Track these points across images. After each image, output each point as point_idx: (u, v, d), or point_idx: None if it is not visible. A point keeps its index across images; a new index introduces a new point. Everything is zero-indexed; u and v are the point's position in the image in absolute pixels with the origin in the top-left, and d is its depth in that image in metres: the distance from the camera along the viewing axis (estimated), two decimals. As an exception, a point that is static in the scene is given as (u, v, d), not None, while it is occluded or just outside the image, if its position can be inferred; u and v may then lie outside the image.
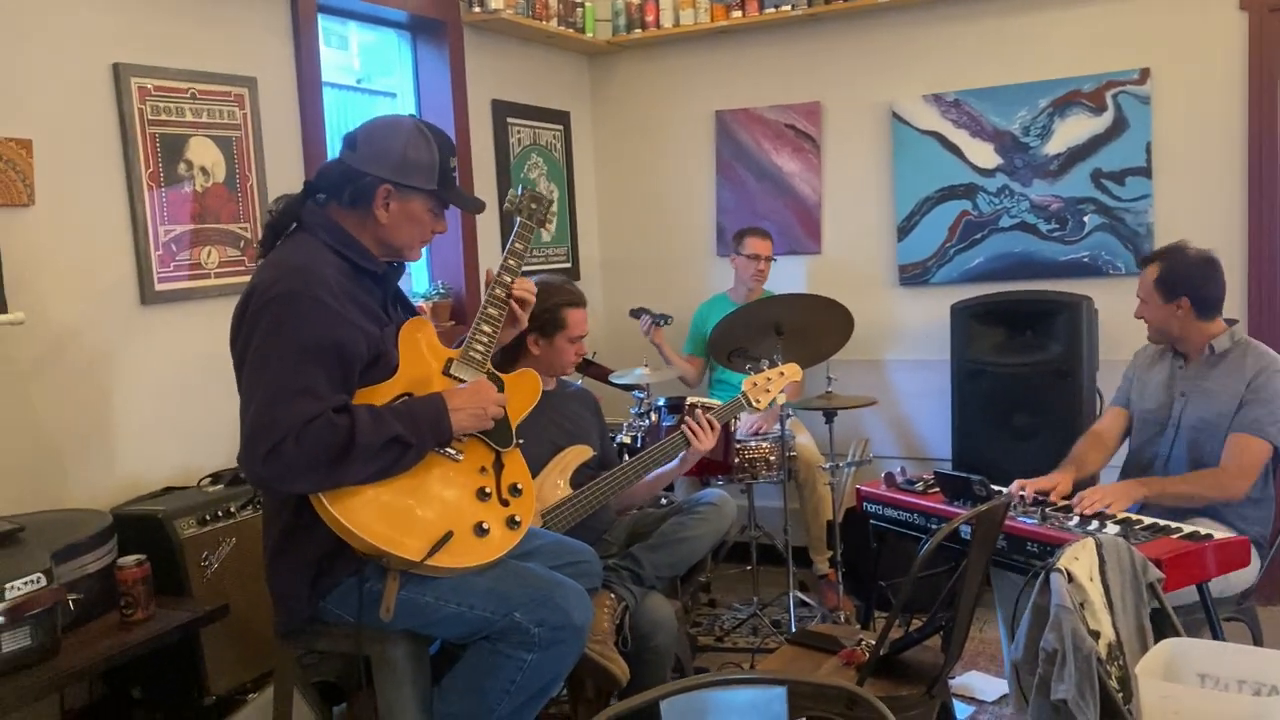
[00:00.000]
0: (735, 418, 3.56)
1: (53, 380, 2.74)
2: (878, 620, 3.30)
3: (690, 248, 5.00)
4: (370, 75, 4.17)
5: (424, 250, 2.31)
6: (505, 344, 2.48)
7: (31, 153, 2.66)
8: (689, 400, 3.64)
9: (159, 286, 2.99)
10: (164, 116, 2.99)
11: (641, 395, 4.03)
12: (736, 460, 3.79)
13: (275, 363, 1.93)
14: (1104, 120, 4.14)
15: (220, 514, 2.72)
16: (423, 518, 2.04)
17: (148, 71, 2.94)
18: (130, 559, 2.44)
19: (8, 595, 2.12)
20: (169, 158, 3.01)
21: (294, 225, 2.15)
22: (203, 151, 3.11)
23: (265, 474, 1.91)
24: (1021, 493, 2.85)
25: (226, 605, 2.56)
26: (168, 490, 2.89)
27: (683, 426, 2.97)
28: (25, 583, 2.15)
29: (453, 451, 2.12)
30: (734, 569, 4.42)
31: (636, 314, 4.40)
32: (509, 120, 4.55)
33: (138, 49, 2.94)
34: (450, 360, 2.21)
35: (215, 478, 2.93)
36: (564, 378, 3.03)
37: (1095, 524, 2.60)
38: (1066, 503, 2.78)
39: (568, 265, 4.96)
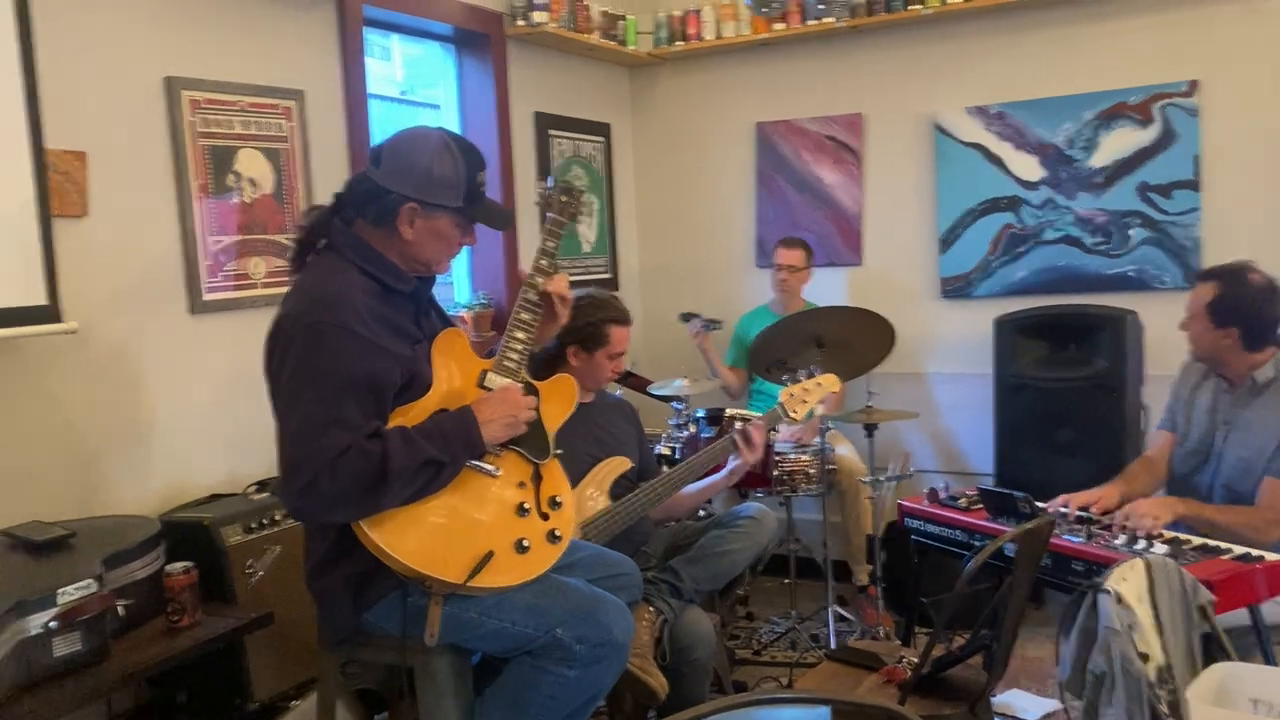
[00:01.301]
0: (773, 429, 3.54)
1: (103, 388, 2.78)
2: (919, 637, 3.27)
3: (730, 259, 4.99)
4: (413, 87, 4.20)
5: (460, 257, 2.30)
6: (546, 348, 2.44)
7: (85, 164, 2.70)
8: (728, 412, 3.63)
9: (207, 296, 3.02)
10: (214, 129, 3.03)
11: (680, 406, 4.02)
12: (775, 473, 3.77)
13: (306, 397, 1.92)
14: (1151, 133, 4.08)
15: (265, 522, 2.75)
16: (463, 539, 2.03)
17: (199, 84, 2.98)
18: (178, 566, 2.47)
19: (60, 600, 2.14)
20: (218, 169, 3.05)
21: (324, 241, 2.14)
22: (251, 163, 3.15)
23: (303, 508, 1.93)
24: (1064, 508, 2.81)
25: (270, 613, 2.58)
26: (214, 497, 2.92)
27: (733, 436, 2.96)
28: (77, 589, 2.17)
29: (490, 468, 2.11)
30: (772, 582, 4.39)
31: (687, 318, 4.40)
32: (550, 132, 4.57)
33: (189, 62, 2.98)
34: (484, 371, 2.19)
35: (260, 485, 2.95)
36: (602, 389, 3.03)
37: (1143, 543, 2.56)
38: (1109, 519, 2.73)
39: (607, 275, 4.96)
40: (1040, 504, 2.81)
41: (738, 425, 3.00)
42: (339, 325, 1.95)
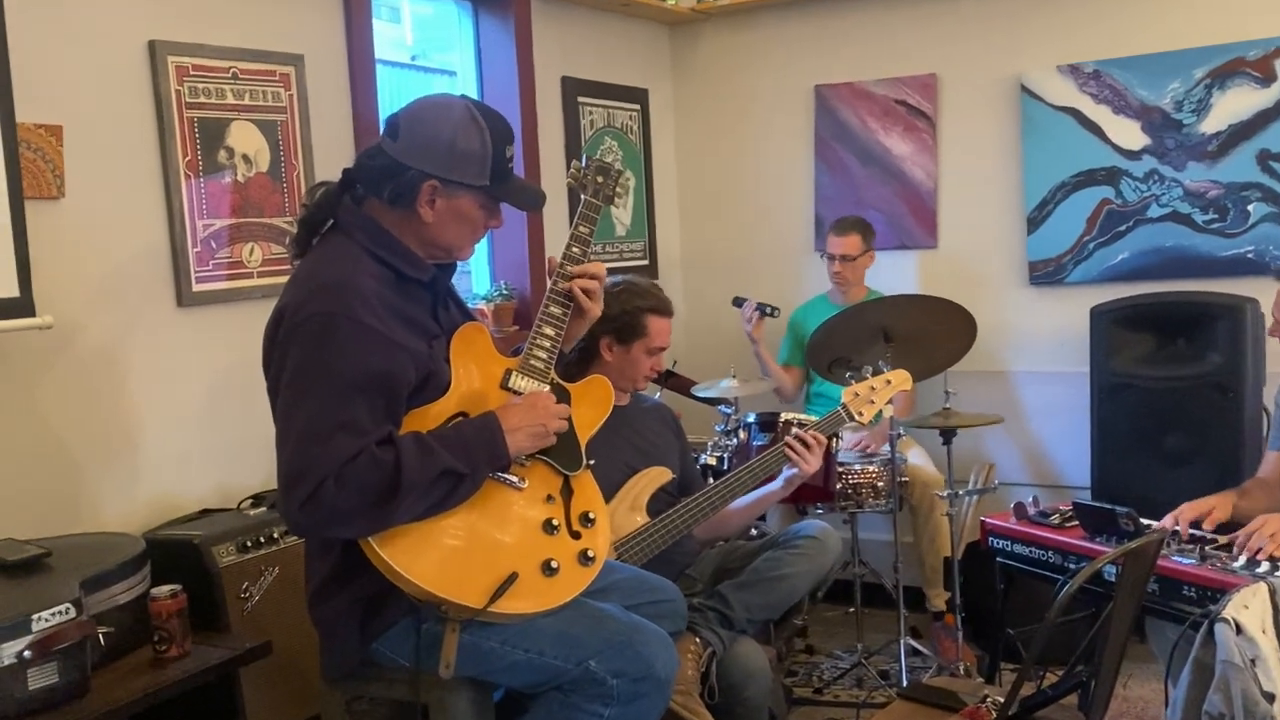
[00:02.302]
0: (836, 436, 3.53)
1: (81, 389, 2.82)
2: (1005, 674, 3.24)
3: (784, 243, 4.97)
4: (425, 51, 4.23)
5: (480, 243, 2.30)
6: (579, 341, 2.44)
7: (61, 140, 2.74)
8: (783, 416, 3.62)
9: (197, 287, 3.06)
10: (203, 99, 3.07)
11: (729, 411, 4.00)
12: (839, 486, 3.75)
13: (310, 397, 1.93)
14: (1273, 93, 4.02)
15: (262, 540, 2.77)
16: (483, 558, 2.04)
17: (186, 49, 3.02)
18: (164, 589, 2.50)
19: (35, 628, 2.17)
20: (208, 144, 3.08)
21: (330, 223, 2.16)
22: (245, 137, 3.18)
23: (305, 522, 1.93)
24: (1176, 526, 2.76)
25: (268, 643, 2.60)
26: (204, 513, 2.96)
27: (784, 446, 2.94)
28: (53, 614, 2.20)
29: (514, 479, 2.12)
30: (835, 611, 4.37)
31: (739, 303, 4.40)
32: (580, 100, 4.57)
33: (175, 25, 3.01)
34: (509, 371, 2.20)
35: (257, 499, 2.98)
36: (639, 391, 3.03)
37: (1266, 565, 2.51)
38: (1227, 537, 2.68)
39: (644, 262, 4.96)
40: (1146, 520, 2.78)
41: (794, 431, 2.98)
42: (348, 317, 1.96)
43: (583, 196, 2.37)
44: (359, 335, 1.96)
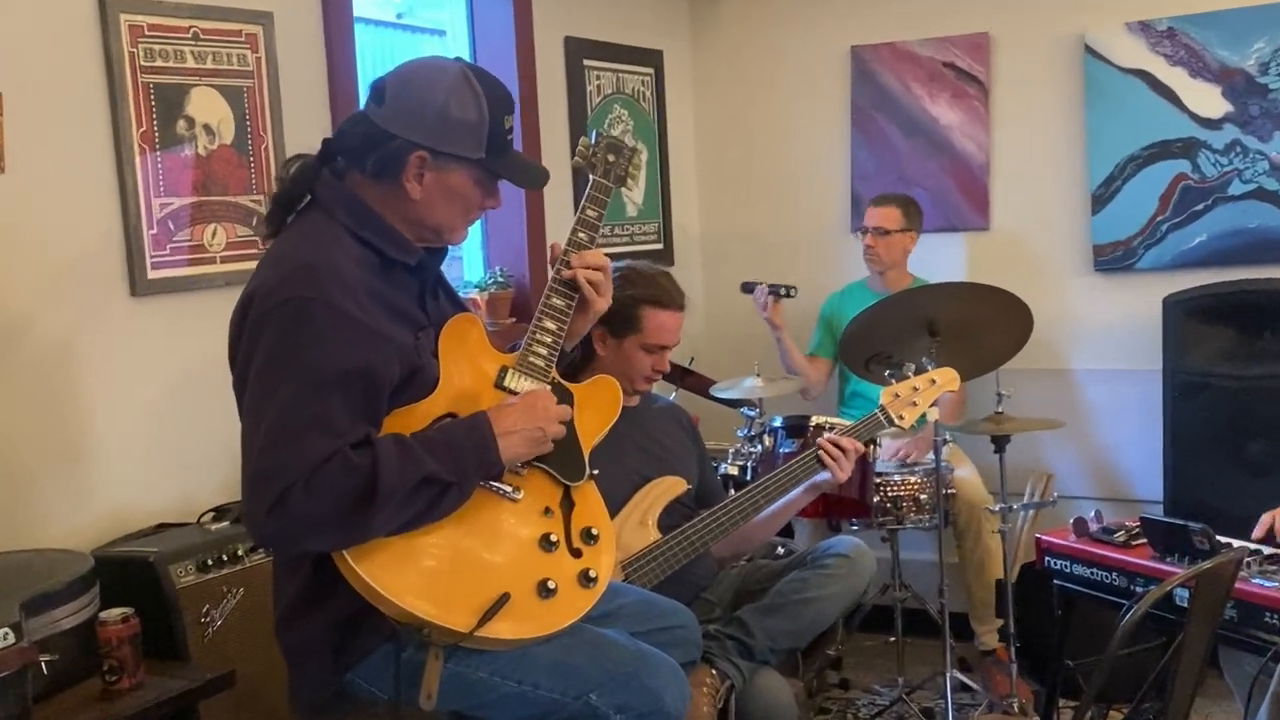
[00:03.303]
0: (874, 442, 3.52)
1: (22, 389, 2.83)
2: (1063, 711, 3.24)
3: (816, 224, 4.97)
4: (413, 8, 4.24)
5: (473, 229, 2.31)
6: (580, 337, 2.44)
7: (1, 109, 2.76)
8: (814, 420, 3.62)
9: (153, 274, 3.07)
10: (160, 62, 3.08)
11: (752, 413, 4.00)
12: (876, 499, 3.75)
13: (281, 392, 1.94)
14: (1372, 52, 4.01)
15: (225, 558, 2.78)
16: (472, 577, 2.04)
17: (140, 6, 3.03)
18: (115, 613, 2.51)
19: (-31, 655, 2.19)
20: (166, 114, 3.10)
21: (307, 199, 2.17)
22: (207, 105, 3.20)
23: (270, 532, 1.94)
24: (1263, 546, 2.76)
25: (232, 672, 2.61)
26: (161, 527, 2.97)
27: (818, 448, 2.95)
28: (-10, 640, 2.22)
29: (508, 488, 2.12)
30: (873, 640, 4.37)
31: (749, 288, 4.42)
32: (586, 63, 4.58)
33: (129, -21, 3.02)
34: (504, 369, 2.20)
35: (219, 513, 2.99)
36: (640, 392, 3.01)
37: (1358, 590, 2.51)
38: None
39: (658, 246, 4.97)
40: (1223, 538, 2.77)
41: (827, 435, 2.99)
42: (325, 302, 1.97)
43: (591, 177, 2.37)
44: (337, 323, 1.97)
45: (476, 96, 2.12)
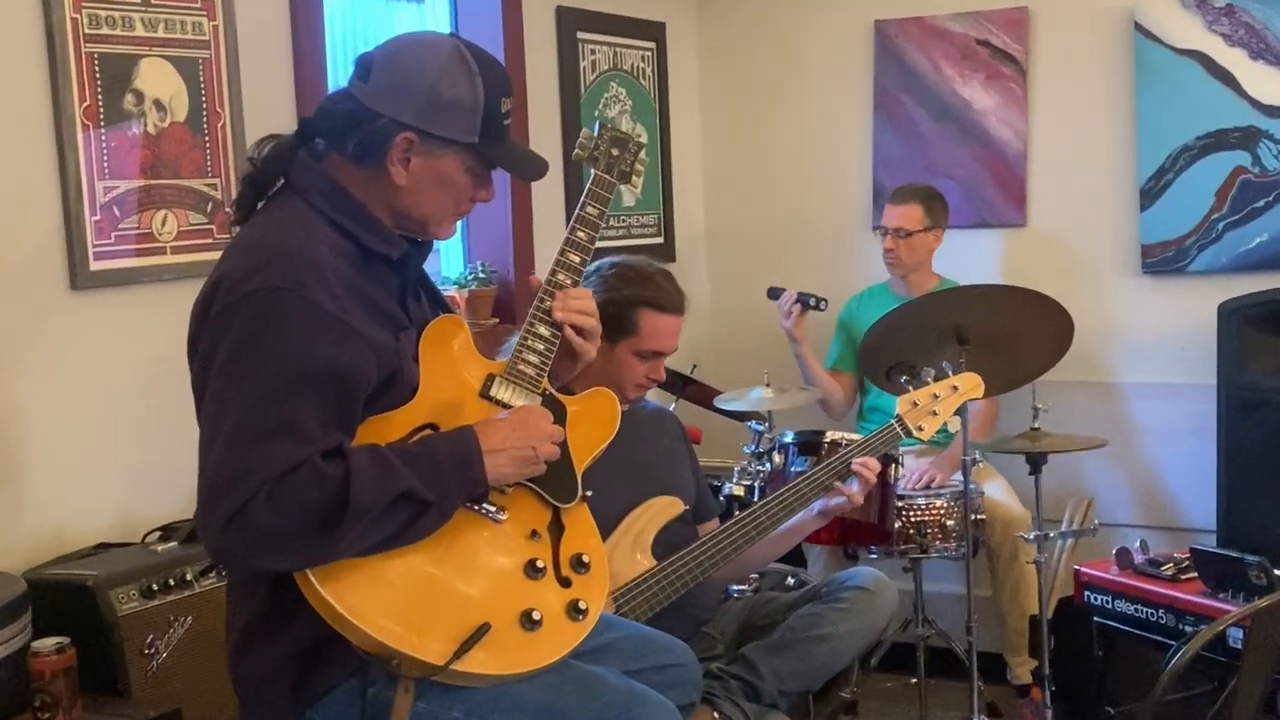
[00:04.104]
0: (897, 461, 3.52)
1: (-50, 393, 2.83)
2: (1103, 762, 3.25)
3: (835, 218, 4.98)
4: (388, -28, 4.24)
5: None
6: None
7: (-71, 80, 2.76)
8: (829, 436, 3.62)
9: (95, 265, 3.07)
10: (106, 30, 3.08)
11: (761, 428, 4.00)
12: (898, 525, 3.75)
13: (246, 391, 1.94)
14: None
15: (172, 582, 2.77)
16: (449, 604, 2.04)
17: (85, -32, 3.04)
18: (48, 643, 2.50)
19: (-115, 688, 2.19)
20: (112, 87, 3.09)
21: (281, 182, 2.17)
22: (158, 78, 3.19)
23: (228, 545, 1.93)
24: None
25: (177, 710, 2.61)
26: (101, 548, 2.96)
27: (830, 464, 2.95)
28: (-91, 672, 2.22)
29: (492, 509, 2.12)
30: (894, 681, 4.36)
31: (775, 294, 4.42)
32: (580, 35, 4.59)
33: (73, -63, 3.03)
34: (491, 377, 2.20)
35: (166, 532, 2.99)
36: (632, 400, 3.01)
37: None
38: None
39: (658, 240, 4.97)
40: (1283, 573, 2.79)
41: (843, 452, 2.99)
42: (299, 294, 1.97)
43: (593, 171, 2.38)
44: (311, 318, 1.96)
45: (471, 76, 2.12)
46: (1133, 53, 4.45)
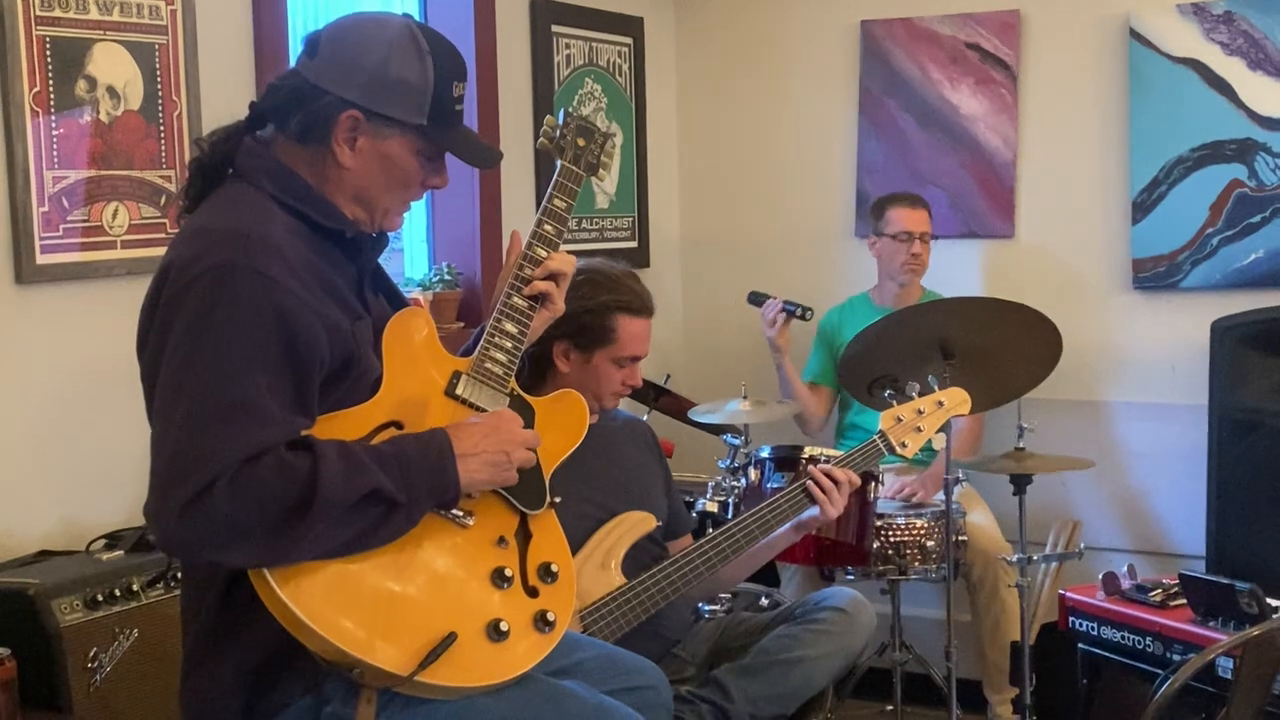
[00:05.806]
0: (876, 478, 3.54)
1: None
2: (1086, 796, 3.27)
3: (816, 225, 4.99)
4: (354, -42, 4.25)
5: (414, 214, 2.32)
6: (530, 346, 2.45)
7: None
8: (806, 451, 3.63)
9: (42, 259, 3.06)
10: (58, 12, 3.07)
11: (736, 442, 4.01)
12: (876, 544, 3.77)
13: (202, 370, 1.94)
14: None
15: (118, 593, 2.76)
16: (413, 611, 2.04)
17: (38, -53, 3.04)
18: (-13, 654, 2.51)
19: None
20: (63, 72, 3.09)
21: (229, 171, 2.17)
22: (111, 64, 3.19)
23: (182, 535, 1.92)
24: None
25: (121, 727, 2.61)
26: (43, 555, 2.95)
27: (806, 480, 2.96)
28: None
29: (459, 514, 2.12)
30: (869, 708, 4.38)
31: (758, 300, 4.42)
32: (555, 29, 4.60)
33: (25, -86, 3.02)
34: (457, 374, 2.21)
35: (112, 539, 2.98)
36: (607, 409, 3.02)
37: None
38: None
39: (632, 244, 4.98)
40: (1274, 601, 2.81)
41: (820, 465, 3.00)
42: (249, 268, 1.97)
43: (559, 162, 2.39)
44: (263, 289, 1.96)
45: (421, 55, 2.13)
46: (1127, 60, 4.47)
